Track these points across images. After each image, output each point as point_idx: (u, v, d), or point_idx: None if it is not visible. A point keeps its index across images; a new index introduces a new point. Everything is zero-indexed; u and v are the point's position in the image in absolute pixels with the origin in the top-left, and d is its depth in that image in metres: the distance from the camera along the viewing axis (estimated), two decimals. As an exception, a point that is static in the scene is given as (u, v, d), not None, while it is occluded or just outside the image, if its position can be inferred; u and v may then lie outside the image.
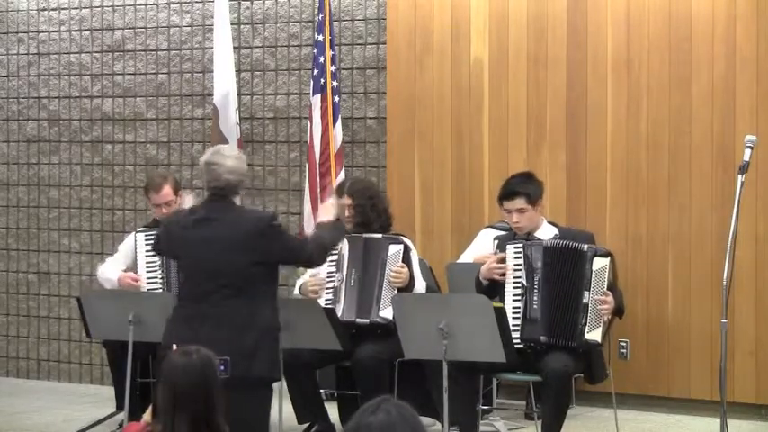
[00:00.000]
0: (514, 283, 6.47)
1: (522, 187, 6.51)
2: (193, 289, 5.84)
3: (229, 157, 5.89)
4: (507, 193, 6.54)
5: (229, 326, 5.65)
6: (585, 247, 6.38)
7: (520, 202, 6.47)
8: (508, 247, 6.52)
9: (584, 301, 6.30)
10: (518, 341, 6.31)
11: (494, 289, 6.55)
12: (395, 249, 6.84)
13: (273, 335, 5.80)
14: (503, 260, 6.49)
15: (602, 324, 6.31)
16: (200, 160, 6.01)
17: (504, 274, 6.47)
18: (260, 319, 5.72)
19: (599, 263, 6.33)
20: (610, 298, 6.31)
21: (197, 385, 4.02)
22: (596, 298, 6.30)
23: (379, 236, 6.96)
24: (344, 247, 6.91)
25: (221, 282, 5.71)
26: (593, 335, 6.29)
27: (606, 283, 6.32)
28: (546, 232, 6.56)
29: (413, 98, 8.28)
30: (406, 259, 6.85)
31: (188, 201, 6.44)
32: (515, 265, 6.47)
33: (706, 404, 7.40)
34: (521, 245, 6.47)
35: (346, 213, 6.97)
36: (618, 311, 6.48)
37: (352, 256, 6.91)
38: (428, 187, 8.25)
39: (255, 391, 5.69)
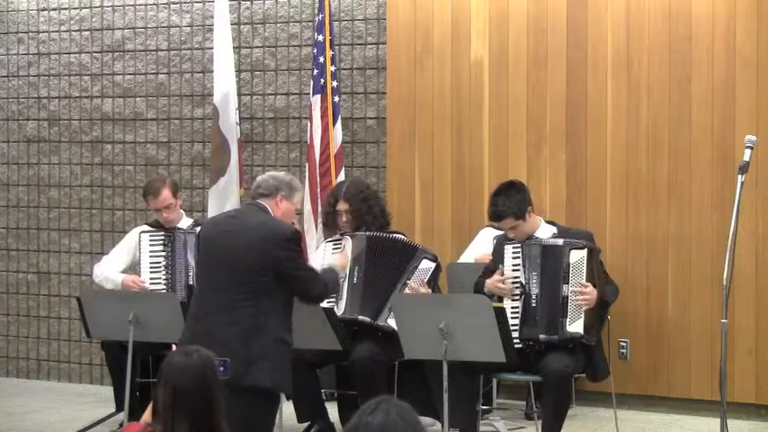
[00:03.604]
0: (513, 283, 6.48)
1: (507, 207, 6.48)
2: (205, 281, 5.85)
3: (279, 172, 6.19)
4: (494, 217, 6.57)
5: (235, 327, 5.62)
6: (561, 241, 6.41)
7: (509, 222, 6.50)
8: (506, 247, 6.54)
9: (563, 294, 6.33)
10: (517, 341, 6.31)
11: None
12: (427, 265, 6.83)
13: (280, 347, 5.69)
14: (502, 274, 6.53)
15: (582, 315, 6.31)
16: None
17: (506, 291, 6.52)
18: (266, 329, 5.65)
19: (575, 255, 6.35)
20: (589, 289, 6.32)
21: (197, 386, 4.01)
22: (574, 290, 6.32)
23: (417, 244, 6.98)
24: (347, 245, 6.91)
25: (230, 276, 5.68)
26: (575, 327, 6.30)
27: (585, 275, 6.33)
28: (545, 232, 6.57)
29: (413, 98, 8.28)
30: (433, 280, 6.85)
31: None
32: (514, 265, 6.49)
33: (706, 404, 7.40)
34: (519, 245, 6.49)
35: (343, 219, 6.98)
36: (603, 303, 6.47)
37: (356, 254, 6.89)
38: (428, 187, 8.25)
39: (253, 399, 5.59)
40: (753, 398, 7.47)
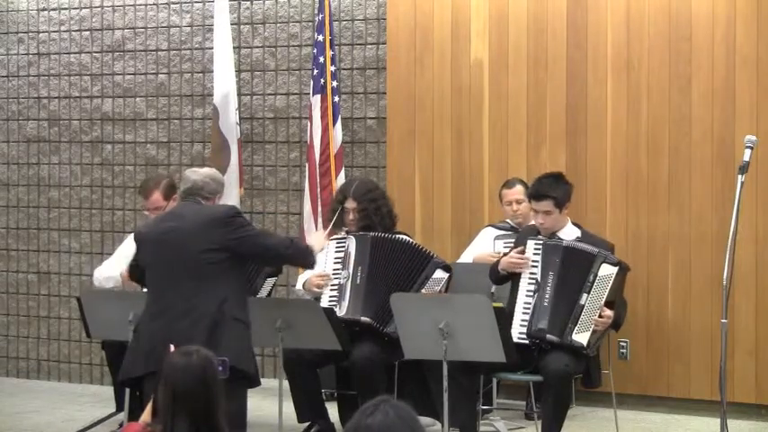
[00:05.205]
0: (529, 279, 6.48)
1: (551, 190, 6.50)
2: (156, 280, 5.88)
3: (205, 168, 6.25)
4: (536, 194, 6.55)
5: (193, 315, 5.66)
6: (597, 251, 6.40)
7: (547, 205, 6.48)
8: (529, 242, 6.54)
9: (581, 302, 6.32)
10: (524, 337, 6.32)
11: (509, 280, 6.59)
12: (441, 275, 6.83)
13: (239, 327, 5.75)
14: (523, 253, 6.52)
15: (591, 329, 6.31)
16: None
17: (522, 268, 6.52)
18: (224, 312, 5.70)
19: (606, 269, 6.35)
20: (607, 312, 6.32)
21: (197, 385, 4.02)
22: (595, 306, 6.30)
23: (431, 253, 6.93)
24: (351, 245, 6.90)
25: (180, 269, 5.74)
26: (581, 337, 6.30)
27: (608, 291, 6.32)
28: (569, 233, 6.57)
29: (413, 98, 8.28)
30: (444, 290, 6.84)
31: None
32: (533, 261, 6.49)
33: (706, 404, 7.40)
34: (541, 242, 6.50)
35: (350, 217, 6.95)
36: (615, 325, 6.53)
37: (359, 254, 6.88)
38: (428, 187, 8.25)
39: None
40: (753, 398, 7.47)
